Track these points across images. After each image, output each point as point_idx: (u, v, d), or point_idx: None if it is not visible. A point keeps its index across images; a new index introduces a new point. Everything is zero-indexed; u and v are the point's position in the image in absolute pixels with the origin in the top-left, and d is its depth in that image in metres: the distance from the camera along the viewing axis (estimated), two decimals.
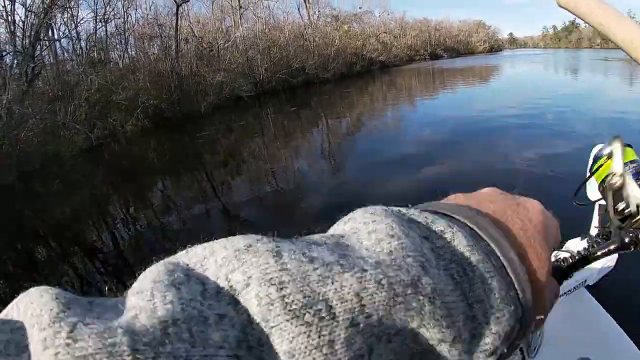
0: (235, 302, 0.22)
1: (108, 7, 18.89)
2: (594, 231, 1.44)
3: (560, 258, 1.11)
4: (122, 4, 19.80)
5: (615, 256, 1.70)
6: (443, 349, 0.26)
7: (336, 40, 31.45)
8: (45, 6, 13.35)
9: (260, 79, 21.98)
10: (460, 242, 0.29)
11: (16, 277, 5.49)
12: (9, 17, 13.29)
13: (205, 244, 0.25)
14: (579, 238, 1.56)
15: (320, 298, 0.22)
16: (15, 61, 12.67)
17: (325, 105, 19.22)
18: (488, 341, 0.28)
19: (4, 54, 12.89)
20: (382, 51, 43.11)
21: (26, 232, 7.18)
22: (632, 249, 0.57)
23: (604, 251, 0.59)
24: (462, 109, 13.72)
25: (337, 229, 0.30)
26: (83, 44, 18.19)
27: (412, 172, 7.10)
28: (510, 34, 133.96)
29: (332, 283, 0.22)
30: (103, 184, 9.69)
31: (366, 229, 0.28)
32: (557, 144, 7.88)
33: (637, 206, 0.59)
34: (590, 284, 1.96)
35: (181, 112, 16.41)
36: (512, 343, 0.31)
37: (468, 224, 0.31)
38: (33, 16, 13.22)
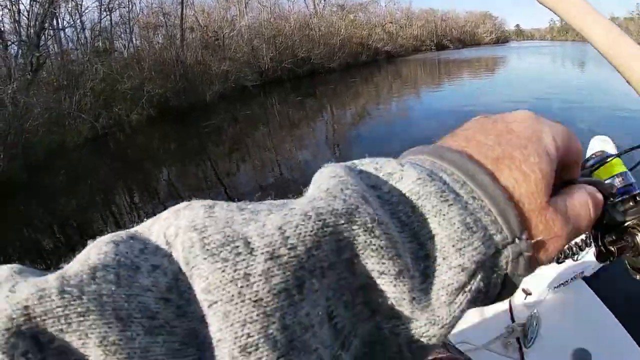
0: (169, 254, 0.22)
1: None
2: None
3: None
4: None
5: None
6: (385, 282, 0.24)
7: (342, 30, 31.25)
8: None
9: (266, 68, 21.89)
10: (409, 178, 0.26)
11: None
12: (14, 7, 13.30)
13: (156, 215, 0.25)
14: None
15: (240, 236, 0.21)
16: (20, 51, 12.68)
17: (331, 95, 19.19)
18: (447, 277, 0.25)
19: (8, 43, 12.90)
20: (388, 41, 42.86)
21: (34, 224, 7.24)
22: (608, 262, 0.56)
23: (588, 243, 0.57)
24: (469, 101, 13.57)
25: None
26: (87, 33, 18.18)
27: None
28: (517, 25, 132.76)
29: (255, 222, 0.22)
30: (109, 174, 9.74)
31: (313, 183, 0.27)
32: None
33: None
34: (587, 276, 1.98)
35: (186, 101, 16.36)
36: (507, 274, 0.28)
37: (428, 157, 0.29)
38: (38, 5, 13.22)
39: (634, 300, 2.58)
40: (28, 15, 13.37)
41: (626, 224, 0.55)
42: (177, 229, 0.22)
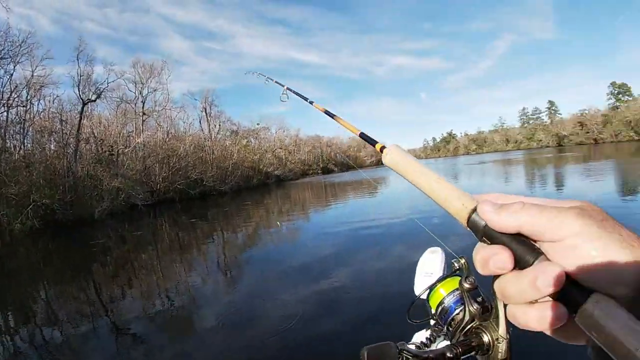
0: None
1: (14, 93, 18.70)
2: (432, 321, 1.92)
3: (411, 349, 1.08)
4: (26, 92, 19.61)
5: None
6: None
7: (234, 154, 32.39)
8: None
9: (157, 187, 22.21)
10: None
11: None
12: None
13: None
14: (424, 330, 1.71)
15: None
16: None
17: (223, 218, 19.59)
18: None
19: None
20: (278, 165, 44.87)
21: None
22: None
23: (432, 357, 0.68)
24: (354, 219, 14.46)
25: None
26: None
27: (302, 284, 7.39)
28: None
29: None
30: None
31: None
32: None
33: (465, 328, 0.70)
34: None
35: (74, 216, 16.16)
36: None
37: None
38: None
39: None
40: None
41: (471, 325, 0.68)
42: None
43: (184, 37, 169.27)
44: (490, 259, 0.45)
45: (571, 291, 0.42)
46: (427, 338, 1.06)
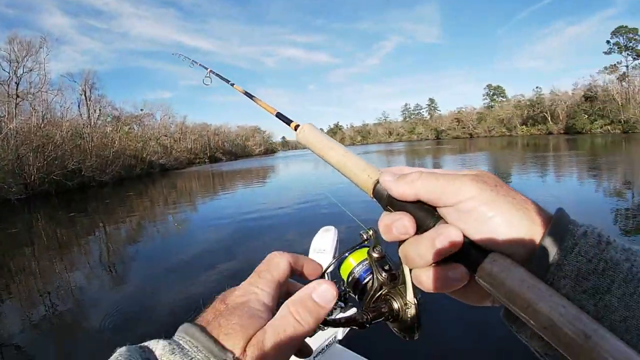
0: None
1: None
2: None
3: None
4: None
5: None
6: None
7: (116, 142, 30.82)
8: None
9: (32, 179, 20.41)
10: (159, 350, 0.41)
11: None
12: None
13: None
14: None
15: None
16: None
17: (104, 211, 19.03)
18: None
19: None
20: (163, 154, 43.17)
21: None
22: (366, 327, 0.67)
23: (343, 322, 0.69)
24: (242, 208, 14.95)
25: None
26: None
27: (193, 275, 7.48)
28: (283, 137, 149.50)
29: None
30: None
31: None
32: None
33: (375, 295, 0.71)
34: (340, 339, 2.52)
35: None
36: None
37: (179, 333, 0.45)
38: None
39: (380, 345, 3.14)
40: None
41: (380, 293, 0.70)
42: None
43: (66, 13, 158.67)
44: (393, 224, 0.49)
45: (470, 252, 0.47)
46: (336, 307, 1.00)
